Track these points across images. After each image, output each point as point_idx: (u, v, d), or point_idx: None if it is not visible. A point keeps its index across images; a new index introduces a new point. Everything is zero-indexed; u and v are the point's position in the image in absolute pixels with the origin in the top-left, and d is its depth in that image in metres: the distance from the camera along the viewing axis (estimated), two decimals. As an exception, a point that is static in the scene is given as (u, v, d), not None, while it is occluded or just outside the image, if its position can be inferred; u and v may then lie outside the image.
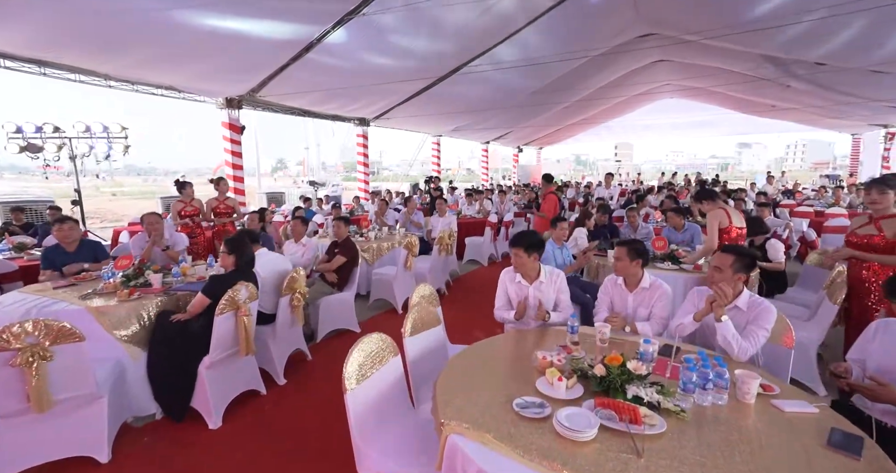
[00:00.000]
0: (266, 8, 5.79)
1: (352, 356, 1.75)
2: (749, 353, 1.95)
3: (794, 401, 1.60)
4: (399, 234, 5.74)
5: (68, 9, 4.78)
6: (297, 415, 2.78)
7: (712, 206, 3.30)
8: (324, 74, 7.94)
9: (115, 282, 3.11)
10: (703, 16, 7.79)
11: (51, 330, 2.06)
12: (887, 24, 6.12)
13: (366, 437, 1.71)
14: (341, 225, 4.31)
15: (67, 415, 2.21)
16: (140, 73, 7.08)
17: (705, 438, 1.41)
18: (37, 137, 7.78)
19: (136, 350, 2.73)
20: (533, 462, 1.29)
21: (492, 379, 1.81)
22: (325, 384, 3.17)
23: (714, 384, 1.60)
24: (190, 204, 5.60)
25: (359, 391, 1.73)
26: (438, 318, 2.46)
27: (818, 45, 7.40)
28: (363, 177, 12.82)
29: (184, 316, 2.76)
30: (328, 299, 3.96)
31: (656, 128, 22.43)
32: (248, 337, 2.75)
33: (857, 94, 11.24)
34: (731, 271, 2.06)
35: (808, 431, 1.44)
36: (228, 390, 2.77)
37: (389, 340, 1.94)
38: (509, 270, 2.71)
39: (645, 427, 1.43)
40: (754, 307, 2.05)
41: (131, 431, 2.59)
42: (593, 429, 1.40)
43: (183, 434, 2.56)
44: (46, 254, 3.54)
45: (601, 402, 1.55)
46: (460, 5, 6.58)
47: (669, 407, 1.53)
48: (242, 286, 2.71)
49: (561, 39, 8.81)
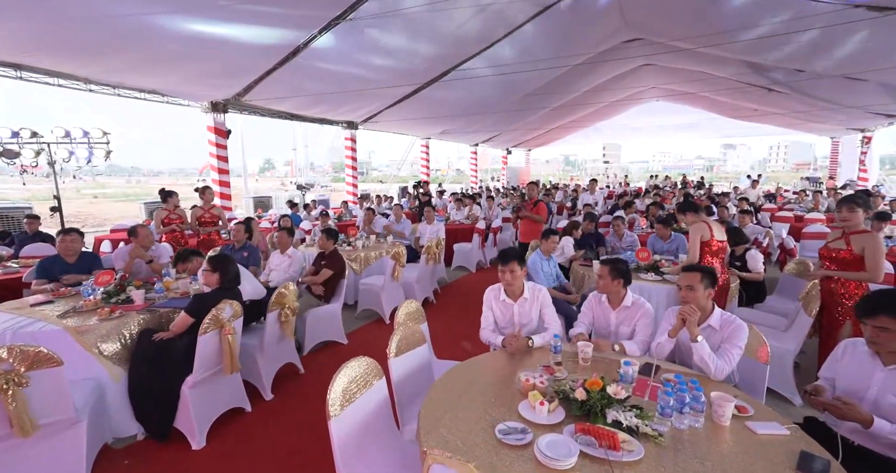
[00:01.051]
0: (252, 13, 5.73)
1: (336, 382, 1.75)
2: (725, 371, 2.00)
3: (766, 423, 1.65)
4: (387, 243, 5.73)
5: (45, 14, 4.69)
6: (283, 432, 2.77)
7: (695, 218, 3.37)
8: (311, 78, 7.90)
9: (96, 299, 3.06)
10: (684, 23, 7.96)
11: (27, 356, 2.02)
12: (850, 34, 6.34)
13: (348, 463, 1.72)
14: (327, 238, 4.29)
15: (46, 440, 2.17)
16: (122, 77, 6.97)
17: (681, 464, 1.45)
18: (13, 142, 7.58)
19: (118, 370, 2.68)
20: (513, 492, 1.31)
21: (475, 403, 1.83)
22: (312, 398, 3.16)
23: (691, 407, 1.64)
24: (174, 213, 5.53)
25: (343, 416, 1.74)
26: (424, 337, 2.47)
27: (791, 53, 7.62)
28: (352, 180, 12.76)
29: (166, 335, 2.73)
30: (315, 311, 3.94)
31: (644, 130, 22.80)
32: (232, 355, 2.73)
33: (833, 99, 11.59)
34: (702, 286, 2.12)
35: (779, 454, 1.49)
36: (212, 409, 2.75)
37: (374, 363, 1.95)
38: (494, 288, 2.73)
39: (623, 453, 1.47)
40: (727, 325, 2.11)
41: (112, 452, 2.55)
42: (573, 457, 1.42)
43: (166, 455, 2.53)
44: (44, 264, 3.49)
45: (581, 427, 1.58)
46: (447, 12, 6.63)
47: (648, 432, 1.57)
48: (227, 305, 2.69)
49: (548, 45, 8.90)
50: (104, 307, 2.89)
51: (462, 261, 7.29)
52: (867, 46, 6.79)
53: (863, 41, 6.63)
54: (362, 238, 5.72)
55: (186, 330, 2.72)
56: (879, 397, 1.68)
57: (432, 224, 6.45)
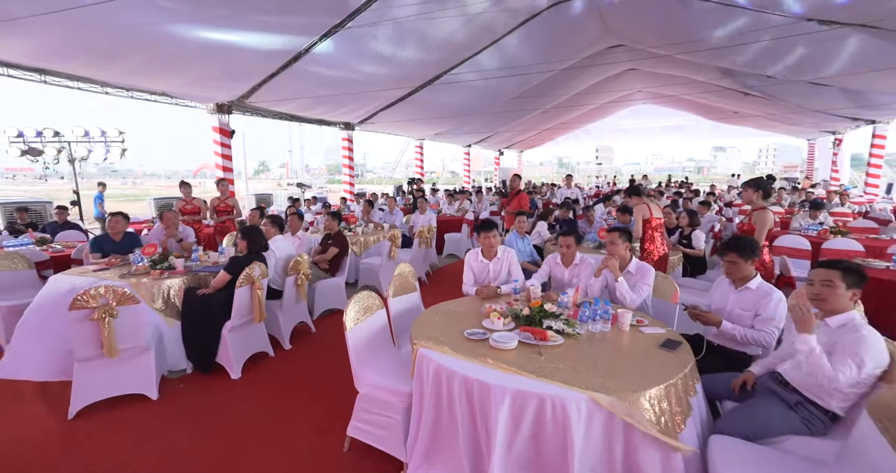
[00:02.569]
0: (258, 21, 6.29)
1: (349, 307, 2.43)
2: (637, 302, 2.71)
3: (653, 327, 2.36)
4: (385, 228, 6.42)
5: (71, 23, 5.16)
6: (299, 371, 3.44)
7: (638, 201, 4.09)
8: (311, 81, 8.42)
9: (144, 266, 3.71)
10: (659, 32, 8.64)
11: (117, 294, 2.69)
12: (813, 45, 7.04)
13: (361, 363, 2.40)
14: (332, 219, 4.97)
15: (126, 362, 2.83)
16: (136, 80, 7.50)
17: (587, 348, 2.15)
18: (37, 141, 8.19)
19: (171, 319, 3.34)
20: (472, 359, 2.00)
21: (452, 321, 2.51)
22: (322, 351, 3.83)
23: (601, 316, 2.34)
24: (190, 203, 6.17)
25: (355, 330, 2.41)
26: (415, 286, 3.16)
27: (752, 59, 8.34)
28: (348, 179, 13.41)
29: (208, 291, 3.39)
30: (323, 283, 4.62)
31: (633, 131, 23.61)
32: (260, 306, 3.40)
33: (800, 103, 12.36)
34: (621, 242, 2.84)
35: (653, 341, 2.19)
36: (245, 349, 3.42)
37: (377, 297, 2.63)
38: (473, 252, 3.45)
39: (550, 342, 2.16)
40: (640, 270, 2.83)
41: (169, 381, 3.21)
42: (514, 342, 2.12)
43: (211, 383, 3.20)
44: (96, 240, 4.12)
45: (524, 329, 2.27)
46: (439, 20, 7.26)
47: (570, 332, 2.26)
48: (256, 265, 3.36)
49: (535, 50, 9.42)
50: (154, 271, 3.55)
51: (452, 249, 7.98)
52: (816, 54, 7.51)
53: (812, 49, 7.33)
54: (361, 226, 6.40)
55: (224, 287, 3.38)
56: (731, 309, 2.40)
57: (425, 214, 7.14)
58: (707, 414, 2.01)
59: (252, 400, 2.99)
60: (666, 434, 1.66)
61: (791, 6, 5.72)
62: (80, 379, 2.71)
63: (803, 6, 5.68)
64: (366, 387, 2.35)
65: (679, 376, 1.81)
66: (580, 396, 1.69)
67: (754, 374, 2.05)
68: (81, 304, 2.59)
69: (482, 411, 1.80)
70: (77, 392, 2.71)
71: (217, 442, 2.51)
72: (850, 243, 4.54)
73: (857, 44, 6.70)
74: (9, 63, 6.41)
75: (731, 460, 1.63)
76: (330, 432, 2.57)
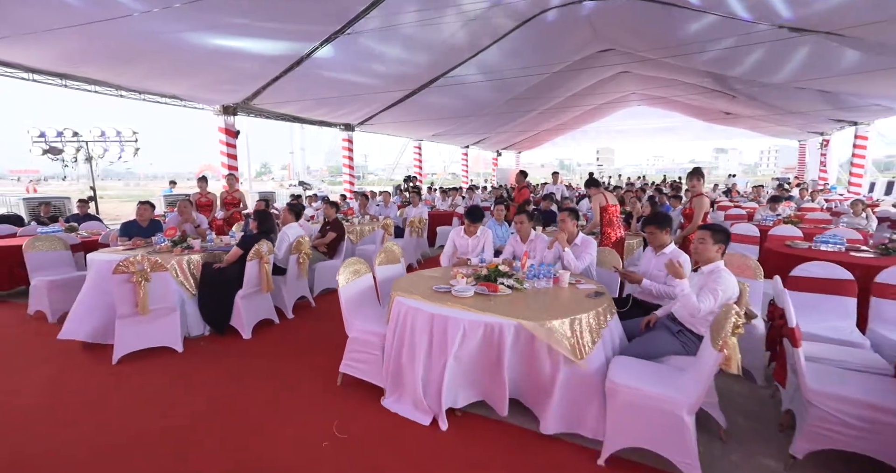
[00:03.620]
0: (264, 28, 6.85)
1: (341, 269, 3.00)
2: (581, 267, 3.28)
3: (587, 284, 2.91)
4: (380, 219, 7.00)
5: (91, 32, 5.62)
6: (300, 335, 4.01)
7: (596, 191, 4.66)
8: (313, 84, 8.95)
9: (166, 245, 4.29)
10: (646, 37, 9.10)
11: (150, 261, 3.26)
12: (791, 50, 7.52)
13: (351, 313, 2.96)
14: (330, 208, 5.54)
15: (157, 320, 3.40)
16: (149, 83, 8.08)
17: (530, 296, 2.71)
18: (58, 140, 8.81)
19: (191, 290, 3.91)
20: (435, 303, 2.55)
21: (426, 281, 3.07)
22: (319, 321, 4.38)
23: (544, 275, 2.90)
24: (205, 196, 6.75)
25: (346, 287, 2.98)
26: (399, 259, 3.72)
27: (739, 65, 8.81)
28: (349, 178, 14.00)
29: (223, 264, 3.96)
30: (322, 264, 5.19)
31: (630, 133, 24.10)
32: (267, 278, 3.97)
33: (783, 106, 12.84)
34: (570, 219, 3.40)
35: (583, 293, 2.74)
36: (255, 314, 3.99)
37: (365, 263, 3.20)
38: (457, 229, 4.07)
39: (500, 293, 2.72)
40: (584, 242, 3.41)
41: (190, 340, 3.78)
42: (470, 292, 2.68)
43: (226, 342, 3.77)
44: (125, 226, 4.69)
45: (481, 284, 2.83)
46: (435, 26, 7.77)
47: (518, 287, 2.82)
48: (264, 243, 3.94)
49: (529, 53, 9.88)
50: (175, 249, 4.12)
51: (443, 241, 8.51)
52: (779, 57, 8.01)
53: (778, 53, 7.82)
54: (358, 217, 6.97)
55: (235, 261, 3.95)
56: (651, 271, 2.96)
57: (417, 207, 7.71)
58: (620, 344, 2.56)
59: (261, 353, 3.56)
60: (575, 351, 2.22)
61: (756, 13, 6.17)
62: (121, 333, 3.29)
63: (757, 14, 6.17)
64: (354, 332, 2.91)
65: (592, 312, 2.37)
66: (513, 323, 2.25)
67: (657, 316, 2.61)
68: (122, 269, 3.16)
69: (440, 337, 2.36)
70: (119, 343, 3.28)
71: (233, 382, 3.07)
72: (792, 229, 5.08)
73: (820, 49, 7.15)
74: (34, 69, 7.00)
75: (621, 369, 2.18)
76: (326, 374, 3.13)
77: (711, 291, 2.19)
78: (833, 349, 2.46)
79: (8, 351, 3.62)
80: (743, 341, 2.65)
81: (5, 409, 2.72)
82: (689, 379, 2.01)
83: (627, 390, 2.03)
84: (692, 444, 1.91)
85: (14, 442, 2.37)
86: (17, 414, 2.66)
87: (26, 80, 7.35)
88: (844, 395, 1.92)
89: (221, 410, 2.69)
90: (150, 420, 2.58)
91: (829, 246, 4.01)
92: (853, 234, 4.88)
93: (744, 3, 6.11)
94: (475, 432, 2.42)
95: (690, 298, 2.22)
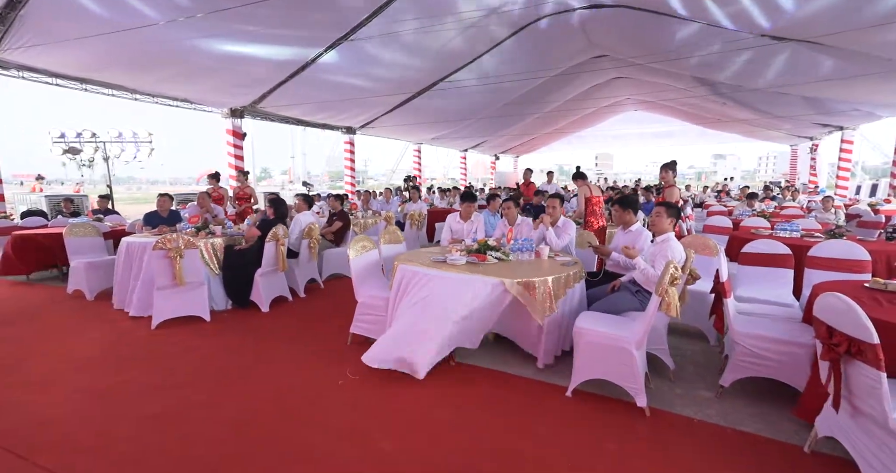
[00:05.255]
0: (271, 35, 7.34)
1: (351, 245, 3.47)
2: (561, 245, 3.76)
3: (564, 257, 3.38)
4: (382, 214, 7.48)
5: (112, 40, 6.09)
6: (312, 310, 4.47)
7: (582, 183, 5.15)
8: (317, 88, 9.40)
9: (191, 231, 4.76)
10: (636, 44, 9.53)
11: (184, 240, 3.74)
12: (770, 57, 8.00)
13: (360, 281, 3.43)
14: (336, 200, 6.02)
15: (189, 292, 3.87)
16: (164, 87, 8.54)
17: (513, 264, 3.17)
18: (76, 141, 9.30)
19: (214, 270, 4.37)
20: (432, 269, 3.02)
21: (424, 255, 3.55)
22: (330, 298, 4.85)
23: (527, 249, 3.37)
24: (216, 191, 7.23)
25: (356, 260, 3.44)
26: (401, 240, 4.19)
27: (725, 70, 9.28)
28: (350, 180, 14.49)
29: (243, 246, 4.44)
30: (330, 251, 5.66)
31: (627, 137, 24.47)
32: (282, 258, 4.44)
33: (769, 110, 13.29)
34: (558, 204, 3.89)
35: (559, 263, 3.21)
36: (272, 290, 4.46)
37: (372, 240, 3.67)
38: (453, 215, 4.53)
39: (488, 262, 3.19)
40: (565, 224, 3.90)
41: (216, 312, 4.23)
42: (462, 261, 3.15)
43: (247, 315, 4.23)
44: (148, 216, 5.16)
45: (472, 255, 3.30)
46: (433, 33, 8.21)
47: (504, 258, 3.29)
48: (280, 227, 4.41)
49: (525, 59, 10.28)
50: (199, 234, 4.58)
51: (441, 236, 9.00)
52: (768, 64, 8.44)
53: (763, 61, 8.28)
54: (362, 212, 7.45)
55: (254, 243, 4.42)
56: (620, 244, 3.42)
57: (417, 203, 8.19)
58: (578, 306, 3.03)
59: (279, 323, 4.02)
60: (541, 307, 2.69)
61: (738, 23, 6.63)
62: (159, 302, 3.76)
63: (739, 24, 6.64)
64: (363, 297, 3.38)
65: (560, 275, 2.84)
66: (494, 280, 2.72)
67: (621, 281, 3.08)
68: (160, 246, 3.63)
69: (433, 293, 2.83)
70: (157, 311, 3.76)
71: (257, 340, 3.53)
72: (761, 221, 5.56)
73: (800, 56, 7.57)
74: (57, 73, 7.49)
75: (588, 319, 2.64)
76: (337, 337, 3.59)
77: (662, 256, 2.66)
78: (766, 307, 2.94)
79: (61, 320, 4.11)
80: (697, 306, 3.15)
81: (71, 358, 3.20)
82: (637, 323, 2.48)
83: (589, 332, 2.50)
84: (639, 373, 2.37)
85: (80, 382, 2.83)
86: (80, 363, 3.12)
87: (50, 84, 7.85)
88: (761, 334, 2.39)
89: (246, 362, 3.15)
90: (187, 370, 3.03)
91: (786, 233, 4.48)
92: (815, 225, 5.36)
93: (724, 11, 6.56)
94: (467, 375, 2.88)
95: (648, 270, 2.70)
